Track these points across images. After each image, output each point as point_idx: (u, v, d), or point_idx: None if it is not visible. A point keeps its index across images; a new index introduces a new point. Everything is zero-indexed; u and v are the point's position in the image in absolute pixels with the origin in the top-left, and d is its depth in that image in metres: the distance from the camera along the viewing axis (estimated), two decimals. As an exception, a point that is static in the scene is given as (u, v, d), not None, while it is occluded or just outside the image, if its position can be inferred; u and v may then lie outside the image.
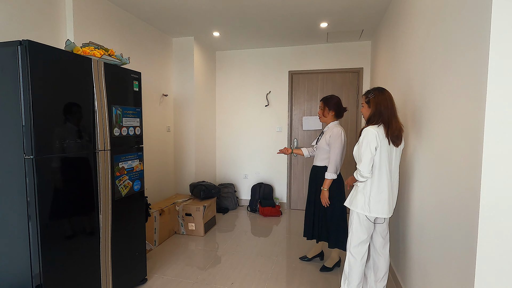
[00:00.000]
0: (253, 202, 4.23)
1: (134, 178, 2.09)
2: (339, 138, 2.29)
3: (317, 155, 2.46)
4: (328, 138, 2.34)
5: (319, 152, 2.44)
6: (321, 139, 2.42)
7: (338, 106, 2.40)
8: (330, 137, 2.32)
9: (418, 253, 1.73)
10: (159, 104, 3.58)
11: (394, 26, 2.51)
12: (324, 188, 2.30)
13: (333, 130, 2.33)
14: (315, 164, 2.49)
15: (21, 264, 1.46)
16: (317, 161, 2.46)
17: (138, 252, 2.16)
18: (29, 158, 1.39)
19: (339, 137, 2.29)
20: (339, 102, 2.42)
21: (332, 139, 2.31)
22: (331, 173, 2.29)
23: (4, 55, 1.39)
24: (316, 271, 2.51)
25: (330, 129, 2.38)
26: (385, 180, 1.72)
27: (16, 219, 1.44)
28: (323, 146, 2.38)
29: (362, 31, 3.51)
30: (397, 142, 1.72)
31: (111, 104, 1.86)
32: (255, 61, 4.34)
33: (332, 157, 2.29)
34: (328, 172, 2.29)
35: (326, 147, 2.36)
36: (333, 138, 2.30)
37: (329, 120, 2.42)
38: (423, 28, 1.75)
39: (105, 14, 2.68)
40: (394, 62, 2.51)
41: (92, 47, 1.88)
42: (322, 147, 2.39)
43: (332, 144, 2.30)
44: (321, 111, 2.45)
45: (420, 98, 1.76)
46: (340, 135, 2.30)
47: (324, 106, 2.42)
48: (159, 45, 3.56)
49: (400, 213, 2.11)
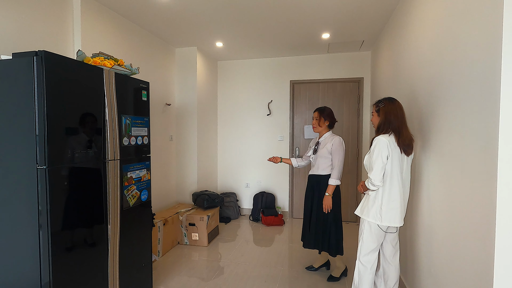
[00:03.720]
0: (255, 211, 4.21)
1: (141, 188, 2.08)
2: (342, 146, 2.40)
3: (318, 164, 2.48)
4: (330, 147, 2.40)
5: (319, 162, 2.47)
6: (321, 149, 2.45)
7: (331, 116, 2.51)
8: (333, 146, 2.39)
9: (429, 262, 1.73)
10: (162, 113, 3.59)
11: (396, 36, 2.58)
12: (328, 194, 2.36)
13: (334, 139, 2.41)
14: (315, 173, 2.50)
15: (31, 272, 1.43)
16: (318, 170, 2.48)
17: (144, 263, 2.13)
18: (41, 168, 1.38)
19: (341, 145, 2.40)
20: (332, 113, 2.53)
21: (335, 147, 2.38)
22: (336, 179, 2.37)
23: (19, 65, 1.39)
24: (323, 281, 2.49)
25: (328, 139, 2.46)
26: (396, 189, 1.73)
27: (27, 228, 1.42)
28: (325, 155, 2.42)
29: (363, 42, 3.59)
30: (408, 151, 1.75)
31: (121, 114, 1.87)
32: (256, 71, 4.40)
33: (337, 164, 2.37)
34: (332, 178, 2.37)
35: (328, 156, 2.41)
36: (336, 147, 2.38)
37: (324, 131, 2.51)
38: (428, 38, 1.80)
39: (110, 24, 2.71)
40: (397, 71, 2.57)
41: (102, 57, 1.89)
42: (324, 156, 2.43)
43: (335, 152, 2.38)
44: (316, 121, 2.52)
45: (426, 106, 1.80)
46: (342, 143, 2.41)
47: (319, 116, 2.50)
48: (163, 55, 3.59)
49: (408, 221, 2.12)
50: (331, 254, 2.44)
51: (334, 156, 2.38)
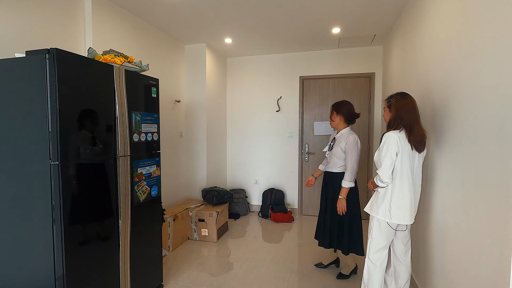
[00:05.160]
0: (264, 207, 4.21)
1: (151, 183, 2.11)
2: (356, 146, 2.28)
3: (332, 162, 2.42)
4: (344, 145, 2.30)
5: (333, 159, 2.40)
6: (335, 147, 2.38)
7: (348, 111, 2.37)
8: (347, 145, 2.28)
9: (441, 261, 1.69)
10: (172, 110, 3.62)
11: (409, 30, 2.51)
12: (341, 197, 2.27)
13: (348, 138, 2.30)
14: (329, 170, 2.45)
15: (44, 266, 1.47)
16: (332, 168, 2.42)
17: (155, 257, 2.16)
18: (54, 163, 1.42)
19: (355, 145, 2.27)
20: (350, 107, 2.39)
21: (348, 147, 2.27)
22: (349, 182, 2.25)
23: (32, 63, 1.42)
24: (333, 278, 2.47)
25: (344, 136, 2.35)
26: (406, 186, 1.70)
27: (41, 222, 1.46)
28: (338, 154, 2.34)
29: (374, 36, 3.51)
30: (420, 148, 1.70)
31: (131, 111, 1.89)
32: (266, 67, 4.37)
33: (350, 165, 2.26)
34: (345, 181, 2.26)
35: (342, 154, 2.33)
36: (350, 146, 2.27)
37: (341, 126, 2.40)
38: (442, 32, 1.74)
39: (121, 22, 2.73)
40: (409, 66, 2.50)
41: (113, 54, 1.91)
42: (337, 154, 2.35)
43: (348, 151, 2.27)
44: (334, 117, 2.43)
45: (440, 101, 1.74)
46: (356, 143, 2.28)
47: (332, 109, 2.43)
48: (172, 52, 3.61)
49: (421, 219, 2.07)
50: (343, 253, 2.40)
51: (347, 156, 2.27)
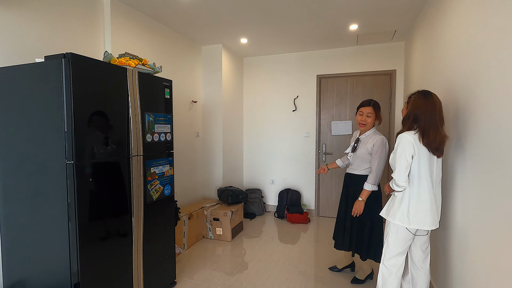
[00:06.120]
0: (280, 208, 4.18)
1: (164, 182, 2.15)
2: (384, 148, 2.14)
3: (355, 164, 2.29)
4: (370, 147, 2.17)
5: (357, 161, 2.27)
6: (360, 148, 2.24)
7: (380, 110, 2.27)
8: (374, 146, 2.15)
9: (462, 269, 1.58)
10: (189, 110, 3.68)
11: (431, 24, 2.37)
12: (361, 199, 2.17)
13: (376, 139, 2.16)
14: (351, 172, 2.33)
15: (60, 262, 1.55)
16: (355, 170, 2.29)
17: (168, 255, 2.21)
18: (70, 163, 1.48)
19: (384, 146, 2.13)
20: None
21: (376, 149, 2.13)
22: (372, 185, 2.14)
23: (50, 67, 1.50)
24: (347, 282, 2.40)
25: (370, 137, 2.21)
26: (426, 189, 1.60)
27: (57, 219, 1.54)
28: (364, 156, 2.21)
29: (395, 32, 3.36)
30: (437, 154, 1.60)
31: (144, 111, 1.94)
32: (282, 66, 4.33)
33: (376, 168, 2.12)
34: (368, 183, 2.15)
35: (367, 156, 2.20)
36: (378, 148, 2.13)
37: (370, 126, 2.24)
38: (465, 24, 1.63)
39: (140, 26, 2.82)
40: (430, 62, 2.37)
41: (128, 57, 1.98)
42: (363, 156, 2.22)
43: (376, 154, 2.13)
44: (368, 118, 2.21)
45: (463, 100, 1.63)
46: (385, 144, 2.14)
47: (375, 112, 2.21)
48: (189, 53, 3.67)
49: (441, 224, 1.95)
50: (361, 258, 2.31)
51: (373, 158, 2.14)
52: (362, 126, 2.26)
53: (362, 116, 2.24)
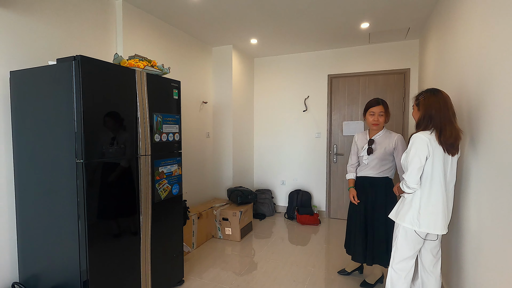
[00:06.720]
0: (290, 209, 4.15)
1: (172, 182, 2.18)
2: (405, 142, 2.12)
3: (374, 166, 2.19)
4: (392, 146, 2.14)
5: (376, 163, 2.18)
6: (379, 149, 2.17)
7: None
8: (396, 144, 2.13)
9: (475, 275, 1.51)
10: (199, 111, 3.72)
11: (446, 19, 2.29)
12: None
13: (396, 138, 2.14)
14: (368, 175, 2.22)
15: (70, 259, 1.60)
16: (374, 172, 2.19)
17: (175, 254, 2.24)
18: (79, 162, 1.53)
19: (405, 144, 2.11)
20: None
21: (400, 146, 2.12)
22: None
23: (61, 69, 1.55)
24: (356, 286, 2.35)
25: (386, 137, 2.19)
26: (438, 192, 1.54)
27: (67, 217, 1.59)
28: (385, 156, 2.15)
29: (409, 29, 3.27)
30: (452, 151, 1.54)
31: (152, 112, 1.97)
32: (293, 66, 4.30)
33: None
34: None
35: (389, 157, 2.15)
36: (401, 143, 2.13)
37: (382, 126, 2.23)
38: (480, 19, 1.56)
39: (151, 28, 2.88)
40: (445, 59, 2.29)
41: (137, 59, 2.02)
42: (384, 157, 2.15)
43: (402, 150, 2.09)
44: (380, 117, 2.18)
45: (476, 97, 1.57)
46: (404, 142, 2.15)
47: (386, 110, 2.20)
48: (200, 54, 3.72)
49: (453, 227, 1.88)
50: (384, 265, 2.18)
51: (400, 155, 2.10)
52: (375, 125, 2.22)
53: (374, 116, 2.20)
